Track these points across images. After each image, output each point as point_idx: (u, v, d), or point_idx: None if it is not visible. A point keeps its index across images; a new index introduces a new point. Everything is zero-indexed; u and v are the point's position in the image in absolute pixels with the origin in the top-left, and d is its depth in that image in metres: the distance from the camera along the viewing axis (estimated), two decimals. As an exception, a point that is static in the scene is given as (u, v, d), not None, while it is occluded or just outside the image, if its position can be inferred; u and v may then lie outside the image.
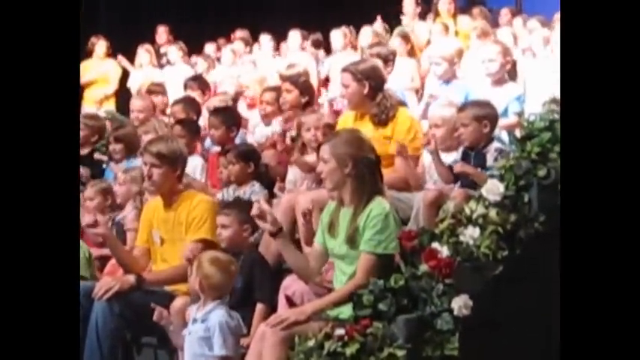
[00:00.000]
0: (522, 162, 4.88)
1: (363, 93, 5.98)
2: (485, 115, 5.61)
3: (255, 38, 11.99)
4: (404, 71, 8.91)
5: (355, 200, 4.72)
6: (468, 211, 4.75)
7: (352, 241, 4.69)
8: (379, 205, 4.67)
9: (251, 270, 5.37)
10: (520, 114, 6.21)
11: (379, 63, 6.42)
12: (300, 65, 8.89)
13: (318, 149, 5.03)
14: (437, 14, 11.18)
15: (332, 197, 4.91)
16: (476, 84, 7.40)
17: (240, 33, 12.14)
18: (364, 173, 4.71)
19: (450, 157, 5.82)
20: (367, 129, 5.82)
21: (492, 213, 4.71)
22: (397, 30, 10.08)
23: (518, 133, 5.12)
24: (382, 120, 5.93)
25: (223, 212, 5.56)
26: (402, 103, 6.28)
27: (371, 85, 5.97)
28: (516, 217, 4.74)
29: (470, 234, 4.64)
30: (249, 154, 6.67)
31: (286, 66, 9.00)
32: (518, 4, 14.00)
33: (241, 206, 5.58)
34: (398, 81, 8.21)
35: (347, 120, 6.24)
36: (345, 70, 6.11)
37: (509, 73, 7.37)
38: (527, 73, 8.90)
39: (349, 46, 10.51)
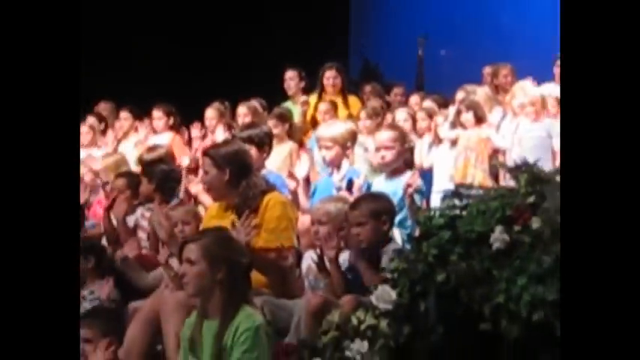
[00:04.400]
0: (418, 265, 4.41)
1: (223, 180, 5.59)
2: (383, 209, 5.38)
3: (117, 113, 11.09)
4: (279, 157, 8.40)
5: (222, 312, 4.46)
6: (355, 321, 4.42)
7: None
8: (248, 319, 4.41)
9: None
10: (419, 209, 5.92)
11: (244, 146, 5.98)
12: (163, 148, 8.07)
13: (182, 247, 4.66)
14: (323, 90, 10.35)
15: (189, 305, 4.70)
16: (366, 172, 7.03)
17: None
18: (236, 279, 4.48)
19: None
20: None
21: (383, 324, 4.38)
22: (275, 110, 9.49)
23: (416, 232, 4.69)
24: (247, 211, 5.43)
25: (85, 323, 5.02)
26: (274, 188, 5.84)
27: (232, 172, 5.58)
28: (410, 329, 4.38)
29: (357, 348, 4.35)
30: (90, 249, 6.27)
31: (146, 148, 8.18)
32: (419, 77, 13.64)
33: (102, 315, 5.31)
34: (278, 169, 7.73)
35: (212, 212, 5.86)
36: (205, 154, 5.76)
37: (405, 160, 6.88)
38: (431, 158, 8.69)
39: (223, 126, 9.72)
